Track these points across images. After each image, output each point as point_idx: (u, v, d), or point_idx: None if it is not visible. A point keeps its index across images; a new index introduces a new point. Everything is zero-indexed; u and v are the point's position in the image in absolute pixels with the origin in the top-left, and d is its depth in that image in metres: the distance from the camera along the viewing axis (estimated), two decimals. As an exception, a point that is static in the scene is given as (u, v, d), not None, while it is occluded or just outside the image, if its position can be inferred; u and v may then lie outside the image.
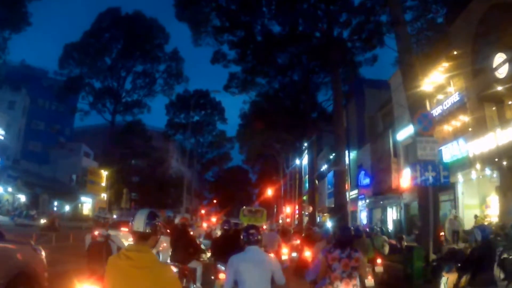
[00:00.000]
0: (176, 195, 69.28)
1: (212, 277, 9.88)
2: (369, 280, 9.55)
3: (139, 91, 57.46)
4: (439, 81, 26.48)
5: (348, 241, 6.55)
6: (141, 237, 3.72)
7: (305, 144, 55.02)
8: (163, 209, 50.48)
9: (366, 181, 37.11)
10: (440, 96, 27.21)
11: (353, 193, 39.46)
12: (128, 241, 7.51)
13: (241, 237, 5.69)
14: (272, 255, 6.43)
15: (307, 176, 58.78)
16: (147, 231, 3.71)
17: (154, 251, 3.84)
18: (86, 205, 57.82)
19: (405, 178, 29.81)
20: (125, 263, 3.57)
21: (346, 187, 43.77)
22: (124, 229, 15.66)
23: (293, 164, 65.44)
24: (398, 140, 31.59)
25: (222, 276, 8.50)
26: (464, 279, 7.71)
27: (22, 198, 39.73)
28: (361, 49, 39.14)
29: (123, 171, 64.74)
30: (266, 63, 46.96)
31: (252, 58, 46.27)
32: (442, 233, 21.01)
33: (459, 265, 8.25)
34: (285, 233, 22.46)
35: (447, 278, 8.96)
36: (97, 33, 56.51)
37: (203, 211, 73.30)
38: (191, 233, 11.84)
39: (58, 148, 58.40)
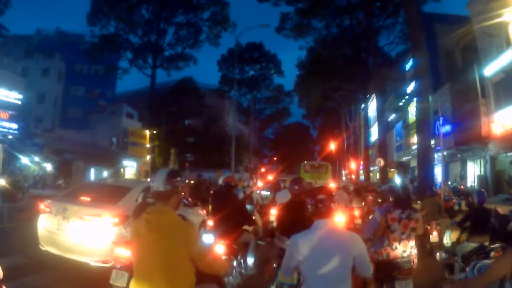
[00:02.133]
0: (235, 154, 65.31)
1: (274, 265, 6.58)
2: (434, 237, 9.86)
3: (183, 43, 52.11)
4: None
5: (408, 201, 6.45)
6: (161, 197, 3.52)
7: (370, 94, 49.51)
8: (220, 169, 45.98)
9: (446, 128, 30.56)
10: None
11: (426, 144, 33.12)
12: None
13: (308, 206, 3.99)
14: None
15: (371, 129, 53.19)
16: (168, 189, 3.49)
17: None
18: (129, 169, 53.60)
19: (497, 123, 23.60)
20: (143, 227, 3.44)
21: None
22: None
23: (357, 114, 59.88)
24: (485, 77, 25.09)
25: None
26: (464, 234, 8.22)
27: (49, 167, 35.74)
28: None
29: (176, 131, 60.97)
30: (322, 3, 41.52)
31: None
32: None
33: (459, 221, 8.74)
34: (357, 193, 16.01)
35: (451, 231, 9.26)
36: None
37: (263, 170, 68.93)
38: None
39: (99, 112, 54.53)
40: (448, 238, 9.17)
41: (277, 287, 5.92)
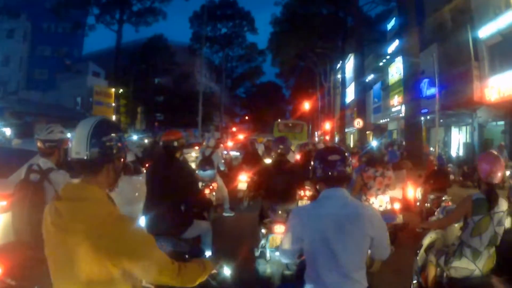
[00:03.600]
0: (204, 113, 63.60)
1: (263, 230, 6.19)
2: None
3: None
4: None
5: (379, 159, 7.34)
6: (83, 168, 2.17)
7: (347, 54, 47.91)
8: (191, 128, 44.19)
9: (431, 91, 28.94)
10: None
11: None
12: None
13: (314, 169, 3.13)
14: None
15: (347, 90, 51.75)
16: (94, 155, 2.13)
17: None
18: (95, 130, 51.05)
19: (492, 89, 22.11)
20: (50, 222, 2.10)
21: (400, 99, 36.71)
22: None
23: (333, 74, 58.29)
24: (480, 39, 23.42)
25: (279, 229, 5.68)
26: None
27: (8, 131, 33.25)
28: None
29: (145, 90, 58.30)
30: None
31: None
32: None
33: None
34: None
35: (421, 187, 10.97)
36: None
37: (234, 129, 67.48)
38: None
39: (65, 72, 51.56)
40: (419, 193, 10.95)
41: (270, 252, 5.76)
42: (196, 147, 20.25)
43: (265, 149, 16.91)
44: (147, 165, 8.90)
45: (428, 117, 29.15)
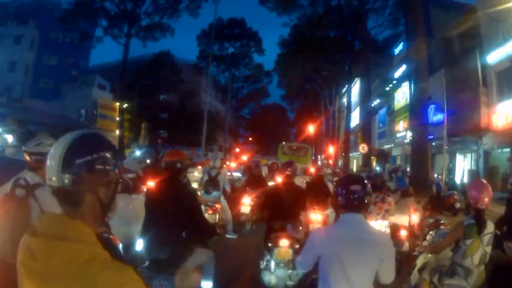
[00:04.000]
0: (209, 132, 63.07)
1: (269, 244, 6.60)
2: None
3: (160, 12, 48.36)
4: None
5: (380, 185, 8.09)
6: (60, 198, 1.70)
7: (353, 78, 47.68)
8: (194, 147, 43.74)
9: (437, 117, 28.47)
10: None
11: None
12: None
13: (336, 195, 3.56)
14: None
15: (352, 114, 51.40)
16: (71, 181, 1.66)
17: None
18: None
19: (499, 115, 21.66)
20: (20, 261, 1.64)
21: (405, 125, 36.25)
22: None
23: (338, 98, 58.05)
24: (488, 64, 23.07)
25: (284, 242, 6.35)
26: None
27: (10, 138, 32.73)
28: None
29: (150, 106, 58.00)
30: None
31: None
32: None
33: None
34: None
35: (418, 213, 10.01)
36: None
37: (237, 149, 66.97)
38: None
39: (70, 82, 51.26)
40: (416, 218, 9.95)
41: (275, 264, 6.35)
42: (199, 167, 19.89)
43: (269, 171, 16.60)
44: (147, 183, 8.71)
45: (434, 143, 28.59)
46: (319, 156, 65.67)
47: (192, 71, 65.35)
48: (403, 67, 37.38)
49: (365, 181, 3.58)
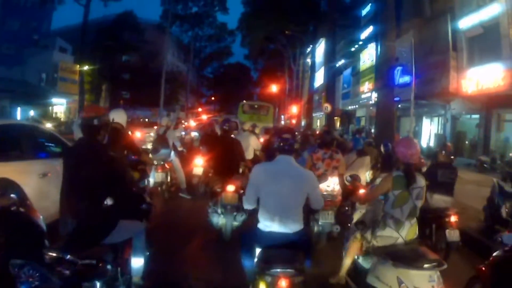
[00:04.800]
0: (170, 92, 61.85)
1: (218, 189, 7.74)
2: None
3: None
4: None
5: (329, 143, 7.87)
6: None
7: (318, 38, 47.11)
8: (156, 108, 42.82)
9: (405, 79, 28.22)
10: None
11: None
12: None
13: (273, 142, 4.76)
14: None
15: (316, 74, 51.06)
16: None
17: None
18: (59, 107, 48.74)
19: (470, 80, 21.57)
20: None
21: (370, 86, 36.05)
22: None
23: (302, 58, 57.46)
24: (460, 29, 22.77)
25: (230, 188, 7.45)
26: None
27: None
28: None
29: (112, 67, 56.19)
30: None
31: None
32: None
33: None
34: (306, 140, 14.74)
35: (370, 171, 10.41)
36: None
37: (200, 109, 66.25)
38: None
39: (32, 47, 48.84)
40: (368, 176, 10.23)
41: (222, 207, 7.44)
42: (155, 127, 19.15)
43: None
44: None
45: (400, 106, 28.44)
46: (282, 116, 65.52)
47: (156, 31, 63.14)
48: (370, 28, 36.91)
49: (295, 132, 4.91)
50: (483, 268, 4.78)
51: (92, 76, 51.92)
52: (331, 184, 7.58)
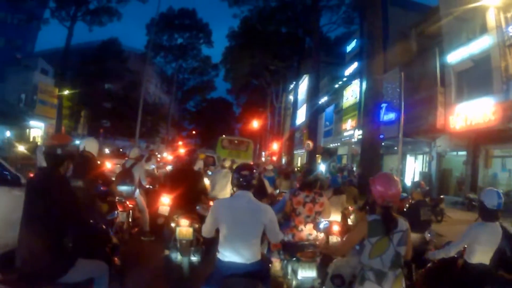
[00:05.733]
0: (151, 124, 60.72)
1: (172, 224, 7.41)
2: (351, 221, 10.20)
3: None
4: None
5: (312, 184, 6.70)
6: None
7: (302, 75, 46.73)
8: (133, 138, 41.54)
9: (389, 116, 27.51)
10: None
11: (361, 132, 29.93)
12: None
13: (233, 178, 4.76)
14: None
15: (298, 111, 50.59)
16: None
17: None
18: (36, 130, 47.09)
19: (457, 116, 20.74)
20: None
21: (353, 123, 35.32)
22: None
23: (285, 95, 57.22)
24: (448, 64, 22.13)
25: (184, 222, 7.15)
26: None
27: None
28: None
29: (93, 94, 54.79)
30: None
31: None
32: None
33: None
34: (286, 176, 14.85)
35: (355, 214, 10.29)
36: None
37: (180, 143, 65.07)
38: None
39: (13, 65, 47.68)
40: (351, 219, 10.33)
41: (178, 242, 7.19)
42: (126, 158, 17.88)
43: (204, 165, 15.70)
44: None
45: (383, 144, 27.48)
46: (263, 153, 64.79)
47: (140, 61, 62.24)
48: (355, 65, 36.68)
49: (253, 169, 4.75)
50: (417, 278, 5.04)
51: (72, 101, 50.53)
52: (314, 232, 6.51)
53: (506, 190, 17.77)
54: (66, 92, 44.65)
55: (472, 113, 19.78)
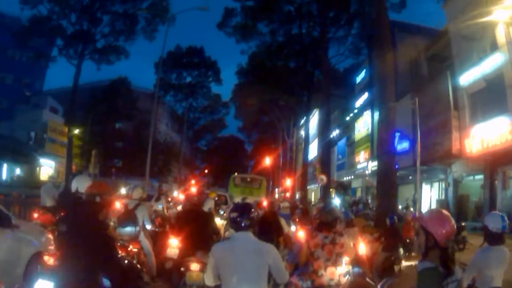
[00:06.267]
0: (163, 163, 60.29)
1: (182, 268, 6.94)
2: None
3: (116, 35, 44.36)
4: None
5: (331, 223, 6.02)
6: None
7: (312, 109, 46.41)
8: (149, 178, 40.92)
9: (403, 145, 26.62)
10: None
11: (374, 164, 28.97)
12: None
13: (231, 218, 4.51)
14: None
15: (310, 146, 49.90)
16: None
17: None
18: (47, 169, 46.79)
19: (473, 138, 19.80)
20: None
21: (366, 155, 34.54)
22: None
23: (296, 130, 56.75)
24: (460, 86, 21.45)
25: (194, 266, 6.74)
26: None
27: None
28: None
29: (104, 133, 54.86)
30: (271, 6, 37.74)
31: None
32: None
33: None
34: (304, 215, 14.14)
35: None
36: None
37: (193, 181, 64.46)
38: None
39: (23, 103, 48.20)
40: (365, 249, 9.53)
41: (188, 287, 6.69)
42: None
43: (215, 205, 14.90)
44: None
45: (398, 174, 26.49)
46: (276, 189, 64.10)
47: (150, 99, 62.32)
48: (365, 95, 36.14)
49: (251, 208, 4.49)
50: None
51: (83, 140, 50.45)
52: (336, 276, 5.82)
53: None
54: (76, 131, 44.57)
55: (488, 134, 18.91)
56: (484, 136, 19.26)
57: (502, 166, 20.02)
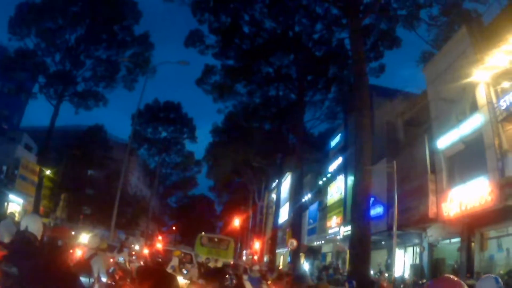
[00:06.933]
0: (132, 216, 58.63)
1: None
2: None
3: (97, 80, 44.13)
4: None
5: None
6: None
7: (285, 172, 45.97)
8: (116, 228, 39.54)
9: (377, 211, 26.02)
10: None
11: (347, 229, 28.53)
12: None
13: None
14: None
15: (281, 209, 49.06)
16: None
17: None
18: (15, 205, 44.72)
19: (451, 202, 19.26)
20: None
21: (338, 220, 33.77)
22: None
23: (268, 193, 56.01)
24: (438, 150, 21.22)
25: None
26: None
27: None
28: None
29: (75, 179, 53.33)
30: (251, 68, 37.70)
31: (236, 55, 37.22)
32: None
33: None
34: (280, 278, 14.17)
35: None
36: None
37: (160, 238, 62.78)
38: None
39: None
40: None
41: None
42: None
43: (179, 263, 14.98)
44: None
45: (371, 239, 25.82)
46: (244, 252, 62.64)
47: (123, 150, 61.35)
48: (339, 160, 35.76)
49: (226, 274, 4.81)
50: None
51: (53, 183, 48.97)
52: None
53: (505, 271, 16.38)
54: (48, 172, 43.60)
55: (467, 196, 18.33)
56: (462, 198, 18.69)
57: (479, 228, 19.42)
